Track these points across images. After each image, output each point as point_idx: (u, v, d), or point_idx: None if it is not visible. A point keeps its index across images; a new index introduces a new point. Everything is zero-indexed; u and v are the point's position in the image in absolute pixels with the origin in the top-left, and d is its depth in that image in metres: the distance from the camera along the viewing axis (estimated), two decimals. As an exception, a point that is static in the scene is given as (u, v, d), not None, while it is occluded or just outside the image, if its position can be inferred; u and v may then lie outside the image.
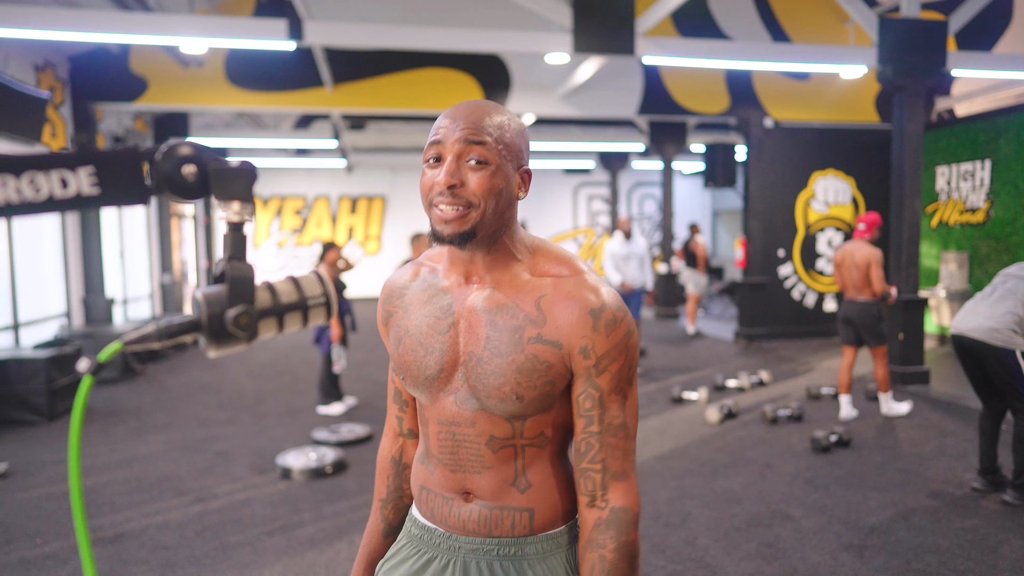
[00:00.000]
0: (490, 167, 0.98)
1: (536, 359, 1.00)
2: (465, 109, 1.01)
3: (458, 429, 1.06)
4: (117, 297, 8.79)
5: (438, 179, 0.97)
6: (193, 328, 0.58)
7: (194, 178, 0.57)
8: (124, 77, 7.80)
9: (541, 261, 1.06)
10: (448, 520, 1.10)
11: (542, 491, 1.07)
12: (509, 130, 1.02)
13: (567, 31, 5.92)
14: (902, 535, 3.24)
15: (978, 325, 3.57)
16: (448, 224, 0.98)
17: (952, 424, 5.08)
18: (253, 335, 0.59)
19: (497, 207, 1.00)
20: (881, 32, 6.26)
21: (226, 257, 0.60)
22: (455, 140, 0.98)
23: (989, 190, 7.88)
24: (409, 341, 1.09)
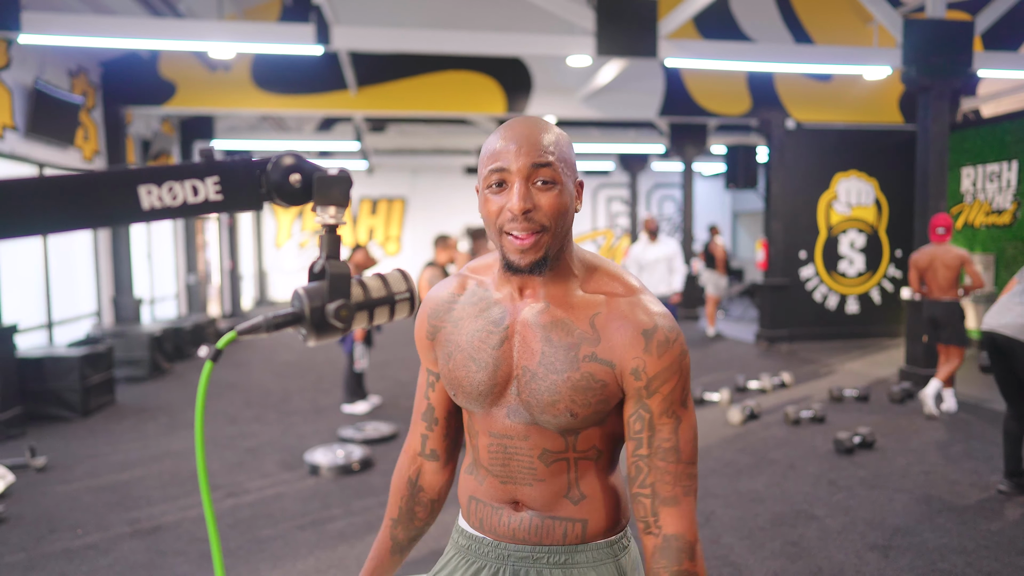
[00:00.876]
0: (558, 187, 0.98)
1: (591, 377, 1.00)
2: (521, 130, 0.99)
3: (510, 442, 1.06)
4: (145, 297, 8.97)
5: (510, 205, 0.96)
6: (296, 320, 0.64)
7: (299, 185, 0.63)
8: (153, 81, 7.97)
9: (595, 277, 1.06)
10: (498, 529, 1.10)
11: (595, 502, 1.07)
12: (564, 144, 1.01)
13: (590, 34, 5.97)
14: (927, 536, 3.25)
15: (1010, 322, 3.55)
16: (525, 254, 0.97)
17: (978, 426, 5.05)
18: (348, 326, 0.65)
19: (564, 226, 1.00)
20: (906, 33, 6.23)
21: (324, 256, 0.66)
22: (522, 165, 0.96)
23: (1016, 191, 7.80)
24: (460, 356, 1.08)
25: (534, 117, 1.03)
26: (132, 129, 8.74)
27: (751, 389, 6.33)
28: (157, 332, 7.46)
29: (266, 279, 15.84)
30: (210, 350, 0.59)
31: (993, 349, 3.68)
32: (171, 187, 0.56)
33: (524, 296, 1.06)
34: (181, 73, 7.99)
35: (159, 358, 7.49)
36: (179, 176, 0.57)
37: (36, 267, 6.59)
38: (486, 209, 1.00)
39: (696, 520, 1.02)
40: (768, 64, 6.75)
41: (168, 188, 0.56)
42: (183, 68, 7.98)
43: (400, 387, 6.64)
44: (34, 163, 6.62)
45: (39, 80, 6.37)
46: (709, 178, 17.12)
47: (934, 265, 5.35)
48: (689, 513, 1.01)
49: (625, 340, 0.99)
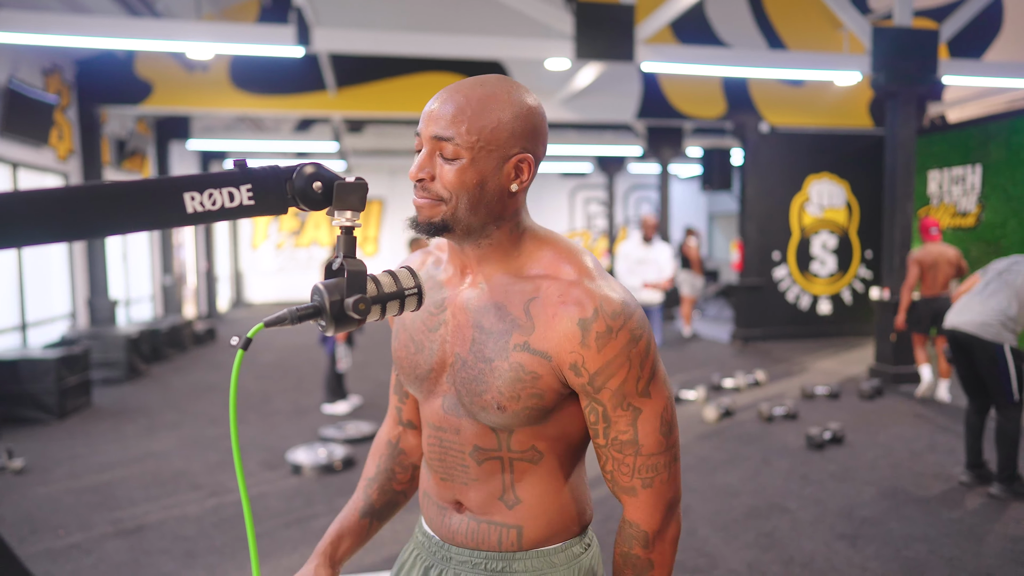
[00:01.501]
0: (460, 162, 0.90)
1: (521, 368, 0.92)
2: (448, 96, 0.92)
3: (444, 435, 1.02)
4: (120, 299, 8.88)
5: (410, 173, 0.93)
6: (317, 313, 0.71)
7: (321, 192, 0.70)
8: (130, 81, 7.91)
9: (542, 258, 0.98)
10: (441, 529, 1.07)
11: (533, 509, 1.00)
12: (497, 117, 0.91)
13: (568, 38, 6.06)
14: (893, 525, 3.38)
15: (970, 319, 3.71)
16: (419, 211, 0.93)
17: (943, 421, 5.23)
18: (364, 319, 0.72)
19: (473, 201, 0.92)
20: (875, 40, 6.42)
21: (341, 255, 0.73)
22: (427, 136, 0.92)
23: (980, 194, 8.06)
24: (403, 336, 1.05)
25: (487, 80, 0.94)
26: (107, 128, 8.65)
27: (726, 387, 6.47)
28: (134, 334, 7.41)
29: (242, 280, 15.72)
30: (241, 339, 0.66)
31: (955, 346, 3.84)
32: (211, 193, 0.63)
33: (464, 277, 1.00)
34: (158, 72, 7.94)
35: (136, 360, 7.43)
36: (218, 184, 0.63)
37: (9, 269, 6.50)
38: None
39: (663, 509, 0.96)
40: (743, 69, 6.90)
41: (208, 194, 0.63)
42: (160, 67, 7.93)
43: (381, 387, 6.67)
44: (8, 163, 6.54)
45: (13, 79, 6.30)
46: (685, 180, 17.36)
47: (939, 263, 5.68)
48: (646, 504, 0.95)
49: (561, 331, 0.90)
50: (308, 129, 12.01)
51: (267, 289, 15.96)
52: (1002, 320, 3.62)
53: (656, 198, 15.32)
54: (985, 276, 3.87)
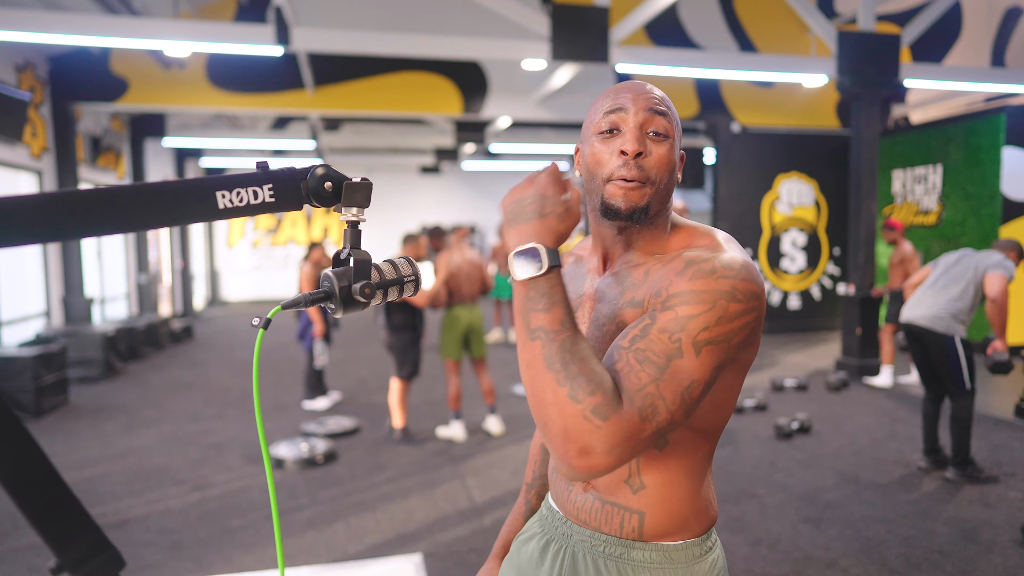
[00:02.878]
0: (669, 140, 0.94)
1: (624, 325, 0.90)
2: (639, 85, 0.96)
3: None
4: (95, 297, 8.81)
5: (623, 145, 0.91)
6: (327, 298, 0.81)
7: (331, 190, 0.80)
8: (104, 78, 7.85)
9: (681, 238, 0.98)
10: (566, 506, 1.07)
11: (656, 495, 0.98)
12: (675, 110, 0.98)
13: (545, 39, 6.18)
14: (854, 508, 3.56)
15: (924, 313, 3.91)
16: (628, 197, 0.91)
17: (903, 411, 5.46)
18: (370, 302, 0.82)
19: (668, 186, 0.94)
20: (840, 44, 6.64)
21: (348, 246, 0.84)
22: (639, 109, 0.92)
23: (941, 193, 8.36)
24: None
25: None
26: (81, 126, 8.57)
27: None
28: (110, 332, 7.37)
29: (218, 278, 15.61)
30: (261, 320, 0.75)
31: (910, 338, 4.03)
32: (239, 192, 0.73)
33: (605, 265, 1.02)
34: (134, 70, 7.90)
35: (113, 358, 7.39)
36: (245, 184, 0.74)
37: (-17, 266, 6.44)
38: (593, 157, 0.95)
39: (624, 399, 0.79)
40: (715, 71, 7.08)
41: (236, 192, 0.73)
42: (136, 65, 7.89)
43: (359, 383, 6.74)
44: (-19, 160, 6.48)
45: (-14, 75, 6.24)
46: (660, 179, 17.58)
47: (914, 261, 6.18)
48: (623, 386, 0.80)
49: (666, 273, 0.88)
50: (285, 127, 11.98)
51: (243, 287, 15.87)
52: (953, 313, 3.82)
53: (631, 196, 15.51)
54: (936, 270, 4.07)
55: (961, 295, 3.83)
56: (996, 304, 3.69)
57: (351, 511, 3.60)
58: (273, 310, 0.77)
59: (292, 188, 0.79)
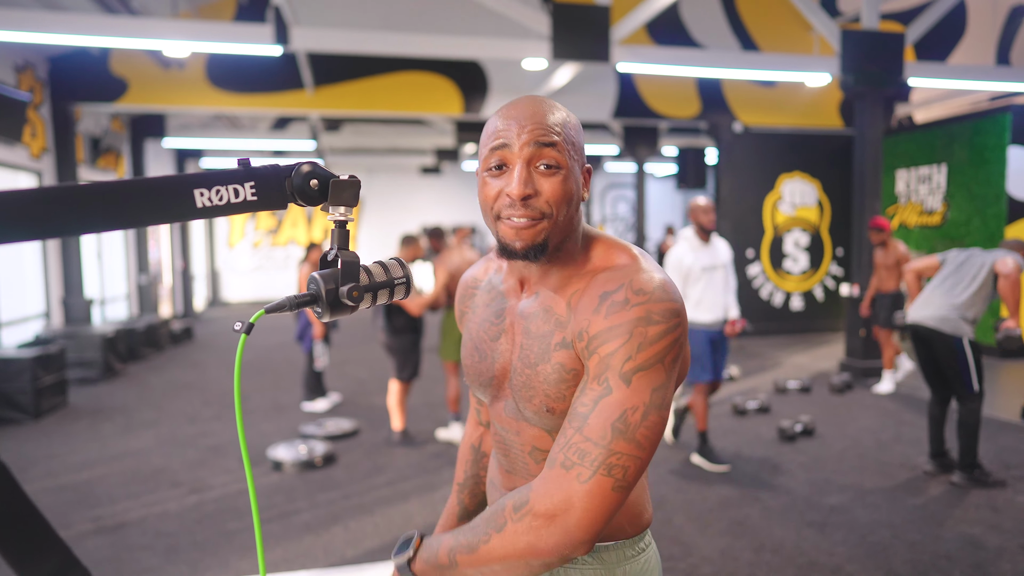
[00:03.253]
0: (562, 171, 0.90)
1: (562, 368, 0.90)
2: (526, 108, 0.91)
3: (507, 435, 1.05)
4: (95, 298, 8.78)
5: (509, 189, 0.88)
6: (313, 301, 0.77)
7: (317, 188, 0.76)
8: (104, 78, 7.83)
9: (594, 256, 0.97)
10: None
11: None
12: (572, 126, 0.93)
13: (545, 39, 6.14)
14: (859, 513, 3.51)
15: (931, 314, 3.85)
16: (520, 236, 0.89)
17: (908, 414, 5.40)
18: (358, 306, 0.78)
19: (568, 214, 0.91)
20: (843, 43, 6.59)
21: (335, 247, 0.79)
22: (524, 143, 0.88)
23: (945, 193, 8.30)
24: (470, 345, 1.07)
25: (540, 96, 0.94)
26: (81, 126, 8.55)
27: (701, 382, 6.60)
28: (110, 333, 7.34)
29: (219, 279, 15.59)
30: (244, 324, 0.71)
31: (917, 340, 3.97)
32: (218, 190, 0.69)
33: (523, 287, 1.01)
34: (133, 70, 7.87)
35: (112, 359, 7.36)
36: (224, 181, 0.70)
37: (-18, 267, 6.41)
38: (483, 193, 0.92)
39: (557, 500, 0.81)
40: (717, 70, 7.04)
41: (216, 191, 0.69)
42: (135, 65, 7.86)
43: (358, 384, 6.70)
44: (-21, 160, 6.45)
45: (-16, 75, 6.21)
46: (661, 179, 17.55)
47: None
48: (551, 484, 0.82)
49: (584, 308, 0.89)
50: (285, 127, 11.96)
51: (244, 288, 15.84)
52: (961, 314, 3.77)
53: (632, 197, 15.49)
54: (944, 269, 4.01)
55: (970, 295, 3.77)
56: (1009, 279, 3.64)
57: (349, 514, 3.56)
58: (256, 314, 0.73)
59: (276, 186, 0.75)
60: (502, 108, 0.94)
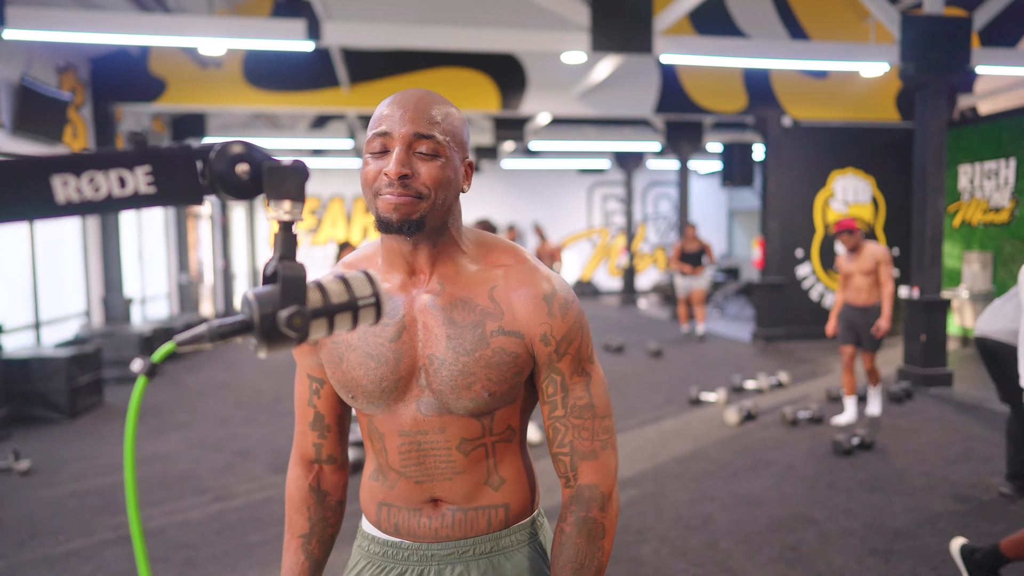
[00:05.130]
0: (440, 159, 0.95)
1: (503, 352, 0.98)
2: (411, 99, 0.97)
3: (424, 438, 1.02)
4: (135, 296, 8.87)
5: (387, 169, 0.92)
6: (245, 329, 0.56)
7: (247, 176, 0.55)
8: (143, 78, 7.87)
9: (486, 251, 1.05)
10: (417, 531, 1.05)
11: (513, 484, 1.06)
12: (455, 120, 0.99)
13: (585, 30, 5.89)
14: (928, 540, 3.19)
15: (1002, 327, 3.49)
16: (397, 209, 0.92)
17: (978, 427, 4.99)
18: (304, 336, 0.57)
19: (446, 199, 0.96)
20: (904, 29, 6.17)
21: (277, 256, 0.59)
22: (405, 132, 0.93)
23: (1014, 189, 7.76)
24: (354, 356, 1.01)
25: (430, 91, 0.99)
26: (123, 126, 8.63)
27: (748, 389, 6.27)
28: (147, 332, 7.37)
29: (259, 278, 15.72)
30: (144, 363, 0.51)
31: (985, 354, 3.60)
32: (92, 177, 0.48)
33: (415, 281, 1.01)
34: (171, 70, 7.89)
35: (149, 358, 7.39)
36: (102, 165, 0.49)
37: (23, 266, 6.48)
38: (364, 173, 0.96)
39: (614, 473, 1.03)
40: (764, 61, 6.68)
41: (89, 179, 0.48)
42: (173, 65, 7.88)
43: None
44: (21, 161, 6.51)
45: (26, 76, 6.27)
46: (705, 176, 17.07)
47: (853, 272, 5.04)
48: (606, 465, 1.02)
49: (528, 308, 1.00)
50: (324, 126, 11.95)
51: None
52: None
53: (675, 195, 15.07)
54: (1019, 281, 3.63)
55: None
56: None
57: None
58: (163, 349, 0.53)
59: (184, 173, 0.54)
60: (390, 97, 0.99)
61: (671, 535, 3.26)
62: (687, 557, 3.05)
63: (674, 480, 4.02)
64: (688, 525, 3.38)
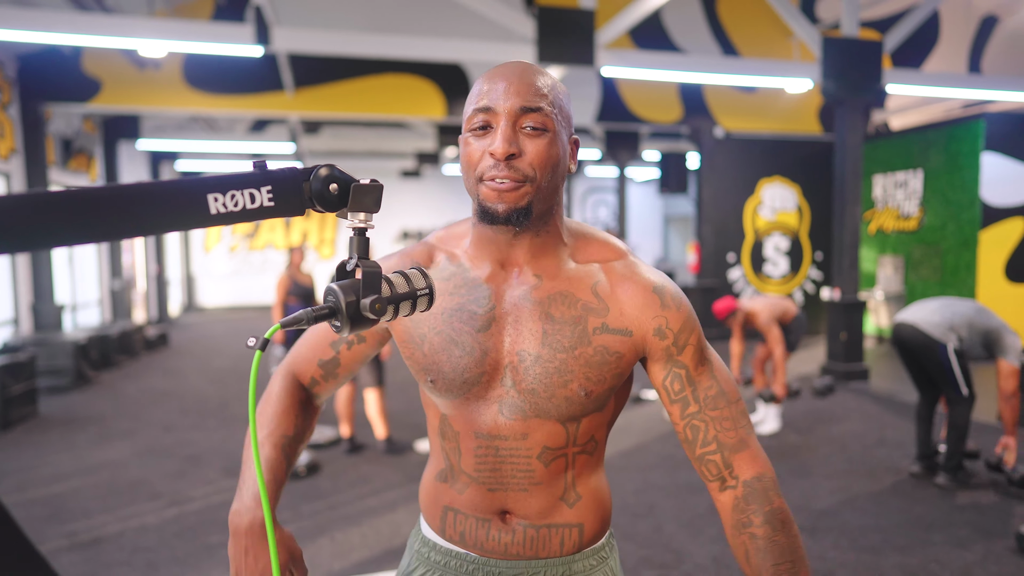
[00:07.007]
0: (548, 134, 0.87)
1: (606, 351, 0.92)
2: (514, 70, 0.88)
3: (503, 443, 0.95)
4: (66, 303, 8.55)
5: (493, 148, 0.85)
6: (333, 314, 0.71)
7: (337, 193, 0.70)
8: (76, 78, 7.63)
9: (585, 244, 0.98)
10: (485, 544, 0.99)
11: (591, 502, 1.00)
12: (560, 92, 0.91)
13: (530, 42, 6.11)
14: (848, 517, 3.51)
15: (921, 319, 3.86)
16: (503, 198, 0.86)
17: (891, 417, 5.45)
18: (380, 319, 0.72)
19: (553, 180, 0.89)
20: (825, 50, 6.66)
21: (356, 256, 0.73)
22: (510, 106, 0.85)
23: (921, 198, 8.43)
24: (438, 339, 0.95)
25: (527, 62, 0.92)
26: (52, 127, 8.33)
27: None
28: (82, 340, 7.14)
29: (194, 284, 15.31)
30: (258, 340, 0.65)
31: (899, 342, 3.96)
32: (233, 195, 0.63)
33: (509, 272, 0.95)
34: (107, 70, 7.69)
35: (84, 367, 7.16)
36: (240, 185, 0.63)
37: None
38: (465, 154, 0.89)
39: (767, 458, 0.97)
40: (699, 75, 7.06)
41: (231, 196, 0.62)
42: (109, 65, 7.68)
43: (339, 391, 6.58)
44: (-55, 162, 6.24)
45: (-49, 74, 6.02)
46: (642, 183, 17.63)
47: None
48: (760, 451, 0.96)
49: (638, 303, 0.93)
50: (263, 129, 11.79)
51: (220, 293, 15.58)
52: (950, 325, 3.78)
53: (614, 201, 15.53)
54: None
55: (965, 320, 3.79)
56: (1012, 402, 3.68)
57: (335, 526, 3.48)
58: (272, 329, 0.67)
59: (293, 191, 0.69)
60: (489, 71, 0.91)
61: (620, 522, 3.48)
62: (635, 541, 3.27)
63: (621, 472, 4.26)
64: (635, 512, 3.61)
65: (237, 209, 0.63)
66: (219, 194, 0.62)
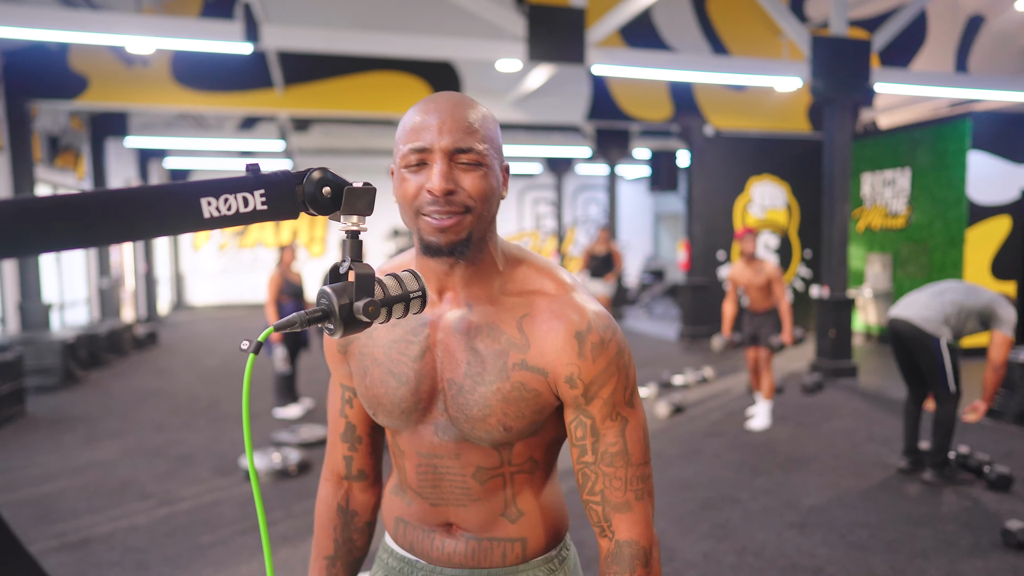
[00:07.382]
0: (483, 168, 0.88)
1: (523, 387, 0.92)
2: (445, 105, 0.89)
3: (440, 462, 0.98)
4: (54, 302, 8.48)
5: (430, 185, 0.86)
6: (326, 316, 0.71)
7: (330, 196, 0.71)
8: (63, 74, 7.56)
9: (521, 273, 0.97)
10: (431, 554, 1.03)
11: (533, 518, 1.01)
12: (490, 124, 0.92)
13: (521, 40, 6.11)
14: (837, 513, 3.55)
15: (915, 313, 3.90)
16: (444, 232, 0.87)
17: (879, 414, 5.50)
18: (373, 321, 0.73)
19: (490, 210, 0.91)
20: (814, 49, 6.69)
21: (349, 259, 0.74)
22: (444, 144, 0.86)
23: (909, 196, 8.50)
24: (378, 371, 0.97)
25: (461, 94, 0.93)
26: (38, 124, 8.25)
27: (676, 384, 6.64)
28: (70, 339, 7.09)
29: (183, 283, 15.22)
30: (252, 343, 0.65)
31: (894, 336, 4.01)
32: (226, 199, 0.63)
33: (444, 299, 0.96)
34: (94, 67, 7.62)
35: (72, 366, 7.11)
36: (233, 189, 0.64)
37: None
38: (402, 190, 0.89)
39: (651, 522, 0.95)
40: (689, 74, 7.08)
41: (224, 200, 0.63)
42: (96, 61, 7.61)
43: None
44: (-70, 159, 6.17)
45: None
46: (632, 181, 17.67)
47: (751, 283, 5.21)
48: (643, 518, 0.94)
49: (556, 345, 0.91)
50: (253, 127, 11.72)
51: (209, 291, 15.49)
52: (943, 318, 3.83)
53: (604, 199, 15.56)
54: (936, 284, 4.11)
55: (956, 309, 3.84)
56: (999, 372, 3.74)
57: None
58: (265, 332, 0.67)
59: (287, 194, 0.69)
60: (420, 103, 0.91)
61: (611, 519, 3.50)
62: (626, 538, 3.29)
63: (611, 469, 4.27)
64: (626, 509, 3.63)
65: (230, 213, 0.63)
66: (212, 198, 0.62)
